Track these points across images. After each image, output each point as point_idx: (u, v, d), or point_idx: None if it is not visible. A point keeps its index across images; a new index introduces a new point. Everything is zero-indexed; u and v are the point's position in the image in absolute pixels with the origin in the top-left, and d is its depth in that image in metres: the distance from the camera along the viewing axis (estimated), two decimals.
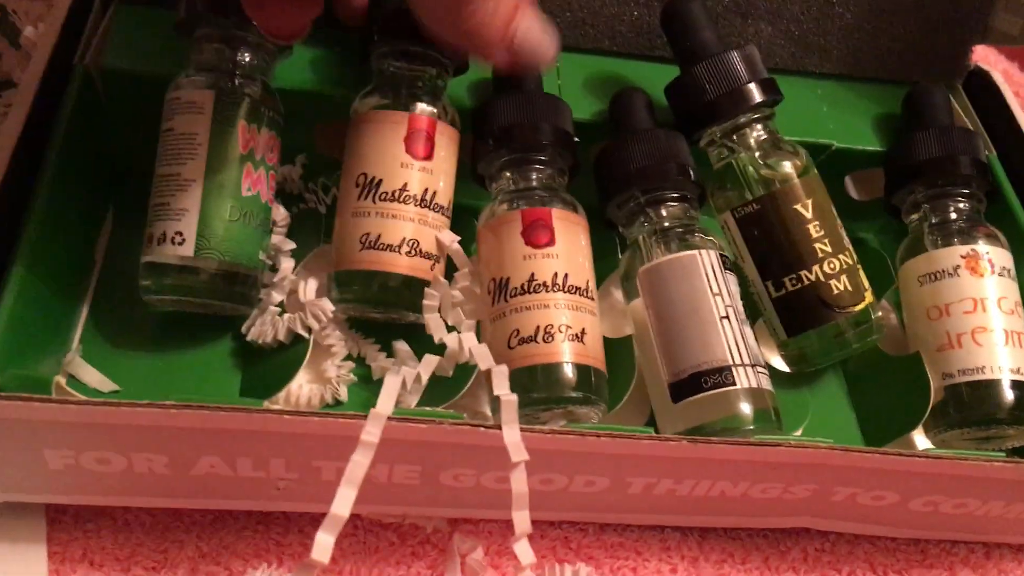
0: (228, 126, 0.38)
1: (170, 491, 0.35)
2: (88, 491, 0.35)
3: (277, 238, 0.41)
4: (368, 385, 0.41)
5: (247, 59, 0.39)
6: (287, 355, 0.40)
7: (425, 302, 0.39)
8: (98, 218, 0.42)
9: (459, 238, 0.41)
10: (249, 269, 0.38)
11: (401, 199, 0.39)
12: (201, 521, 0.38)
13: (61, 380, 0.34)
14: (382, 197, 0.39)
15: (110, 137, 0.42)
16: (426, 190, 0.39)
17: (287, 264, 0.41)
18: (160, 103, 0.39)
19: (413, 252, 0.39)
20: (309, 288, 0.40)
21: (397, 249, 0.38)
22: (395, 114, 0.39)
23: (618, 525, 0.41)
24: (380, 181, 0.39)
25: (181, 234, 0.37)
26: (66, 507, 0.37)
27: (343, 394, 0.40)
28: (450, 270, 0.41)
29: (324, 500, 0.31)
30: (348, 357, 0.41)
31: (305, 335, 0.40)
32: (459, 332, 0.38)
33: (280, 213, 0.41)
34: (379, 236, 0.38)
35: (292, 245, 0.41)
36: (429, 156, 0.39)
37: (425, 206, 0.39)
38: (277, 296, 0.40)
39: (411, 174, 0.39)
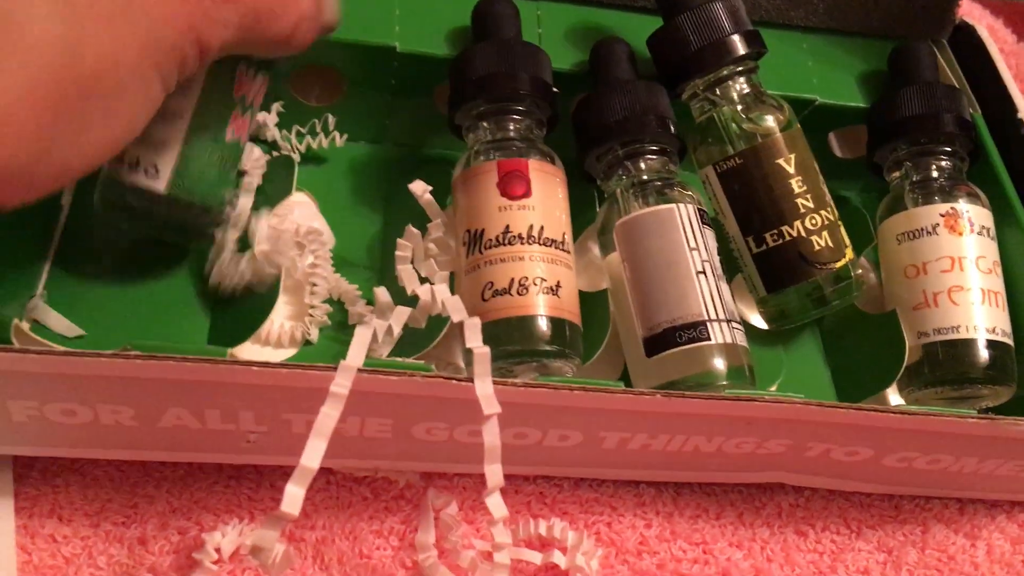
0: (227, 67, 0.36)
1: (138, 444, 0.35)
2: (54, 443, 0.34)
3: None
4: (345, 331, 0.40)
5: None
6: (258, 297, 0.39)
7: (398, 253, 0.39)
8: None
9: (431, 188, 0.40)
10: (217, 212, 0.37)
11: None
12: (171, 475, 0.38)
13: (24, 325, 0.33)
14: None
15: None
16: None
17: (245, 201, 0.39)
18: None
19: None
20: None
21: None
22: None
23: (592, 480, 0.41)
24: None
25: (156, 168, 0.35)
26: (33, 462, 0.36)
27: (314, 335, 0.39)
28: (425, 221, 0.40)
29: (295, 453, 0.31)
30: (328, 300, 0.40)
31: (273, 272, 0.39)
32: (432, 284, 0.37)
33: (255, 153, 0.40)
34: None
35: (253, 181, 0.40)
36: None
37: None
38: (234, 234, 0.39)
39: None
